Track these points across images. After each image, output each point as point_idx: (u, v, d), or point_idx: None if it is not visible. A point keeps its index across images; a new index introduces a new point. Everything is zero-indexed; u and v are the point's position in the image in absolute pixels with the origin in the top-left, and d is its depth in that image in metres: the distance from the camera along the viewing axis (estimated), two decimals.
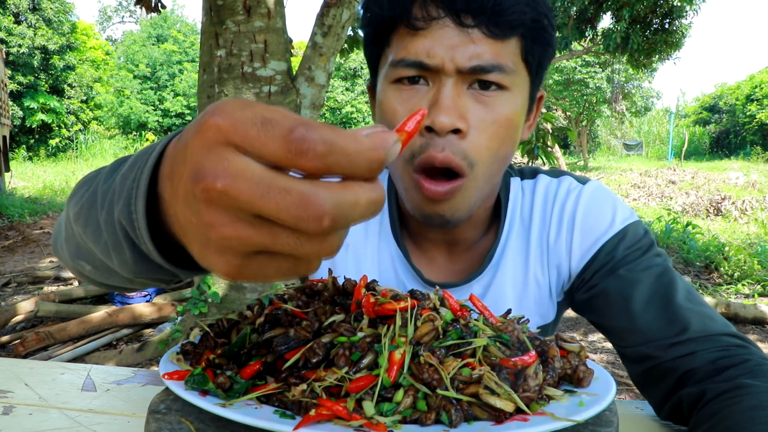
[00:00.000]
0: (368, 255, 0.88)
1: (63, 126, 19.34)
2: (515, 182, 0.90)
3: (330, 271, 0.65)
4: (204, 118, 0.32)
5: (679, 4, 9.68)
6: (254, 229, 0.31)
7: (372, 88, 0.83)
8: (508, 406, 0.47)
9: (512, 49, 0.72)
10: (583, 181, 0.87)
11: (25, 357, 3.25)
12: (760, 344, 3.82)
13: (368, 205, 0.32)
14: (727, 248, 5.84)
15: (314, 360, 0.52)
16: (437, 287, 0.62)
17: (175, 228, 0.38)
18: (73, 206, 0.55)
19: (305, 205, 0.30)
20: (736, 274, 5.30)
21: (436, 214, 0.75)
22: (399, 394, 0.48)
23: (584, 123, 23.06)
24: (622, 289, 0.78)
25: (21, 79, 17.64)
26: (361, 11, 0.80)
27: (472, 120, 0.71)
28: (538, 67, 0.76)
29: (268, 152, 0.30)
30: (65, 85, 19.37)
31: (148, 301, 4.02)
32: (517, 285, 0.86)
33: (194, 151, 0.32)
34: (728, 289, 5.06)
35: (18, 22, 17.94)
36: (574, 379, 0.56)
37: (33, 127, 18.34)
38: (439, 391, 0.48)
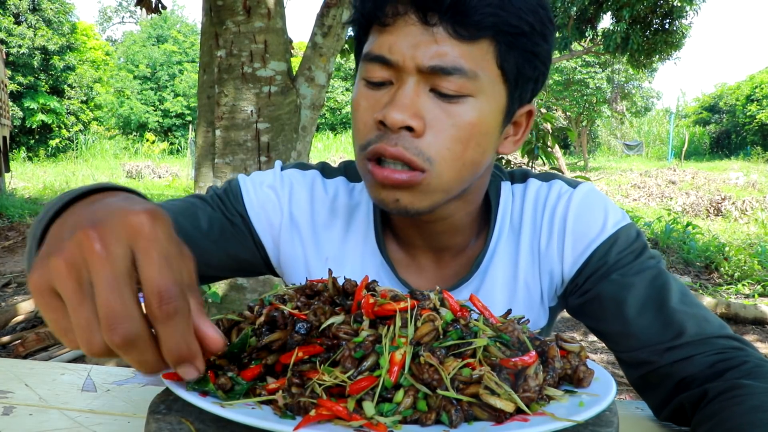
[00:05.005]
0: (350, 267, 0.87)
1: (63, 126, 19.36)
2: (506, 186, 0.87)
3: (330, 271, 0.65)
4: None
5: (679, 4, 9.69)
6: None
7: None
8: (508, 407, 0.47)
9: (481, 53, 0.68)
10: (573, 184, 0.85)
11: (25, 357, 3.25)
12: (760, 344, 3.82)
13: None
14: (727, 248, 5.85)
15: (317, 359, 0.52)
16: (438, 287, 0.62)
17: None
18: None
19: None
20: (736, 275, 5.30)
21: (391, 200, 0.73)
22: (399, 395, 0.48)
23: (584, 123, 23.06)
24: (616, 293, 0.77)
25: (21, 79, 17.66)
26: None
27: (430, 120, 0.69)
28: (518, 77, 0.72)
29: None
30: (65, 86, 19.39)
31: None
32: (506, 290, 0.85)
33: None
34: (728, 289, 5.07)
35: (18, 23, 17.96)
36: (574, 379, 0.56)
37: (33, 127, 18.36)
38: (439, 391, 0.48)
